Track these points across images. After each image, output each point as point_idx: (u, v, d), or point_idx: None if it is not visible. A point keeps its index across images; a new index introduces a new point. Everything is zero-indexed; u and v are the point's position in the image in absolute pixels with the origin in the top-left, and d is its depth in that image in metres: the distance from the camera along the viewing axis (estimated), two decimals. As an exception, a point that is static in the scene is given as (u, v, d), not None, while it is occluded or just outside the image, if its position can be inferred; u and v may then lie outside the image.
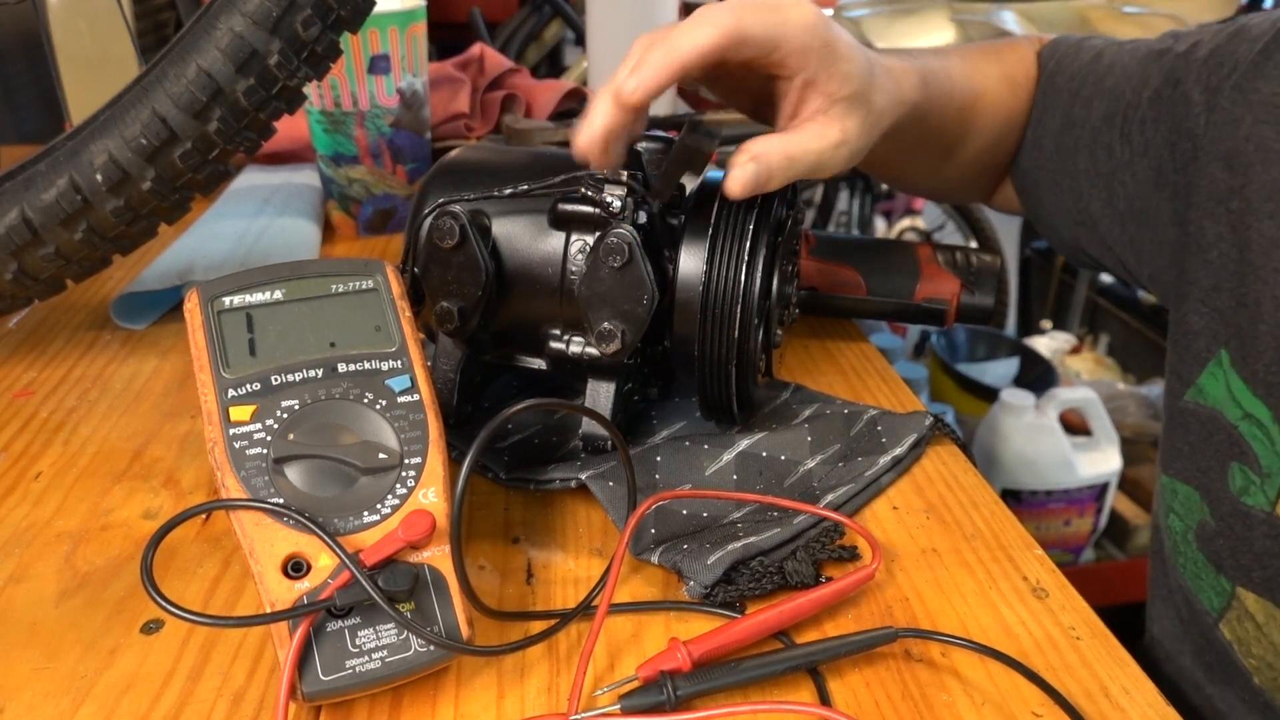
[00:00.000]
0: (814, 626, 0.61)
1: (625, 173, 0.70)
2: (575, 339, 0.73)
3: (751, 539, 0.65)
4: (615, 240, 0.67)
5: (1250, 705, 0.79)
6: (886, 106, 0.75)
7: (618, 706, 0.54)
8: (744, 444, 0.75)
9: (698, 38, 0.67)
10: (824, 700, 0.56)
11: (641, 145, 0.73)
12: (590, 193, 0.70)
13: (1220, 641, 0.80)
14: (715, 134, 0.67)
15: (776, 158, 0.68)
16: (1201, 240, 0.79)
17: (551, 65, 1.95)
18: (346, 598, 0.52)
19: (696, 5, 1.54)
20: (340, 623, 0.53)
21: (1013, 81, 0.96)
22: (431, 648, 0.54)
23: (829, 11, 1.70)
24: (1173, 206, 0.83)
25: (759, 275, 0.70)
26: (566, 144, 1.21)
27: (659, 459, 0.73)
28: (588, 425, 0.75)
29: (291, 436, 0.56)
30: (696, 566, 0.63)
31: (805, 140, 0.70)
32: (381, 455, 0.57)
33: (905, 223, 3.90)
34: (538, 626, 0.60)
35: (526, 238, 0.73)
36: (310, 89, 1.12)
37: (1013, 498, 2.19)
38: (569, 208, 0.71)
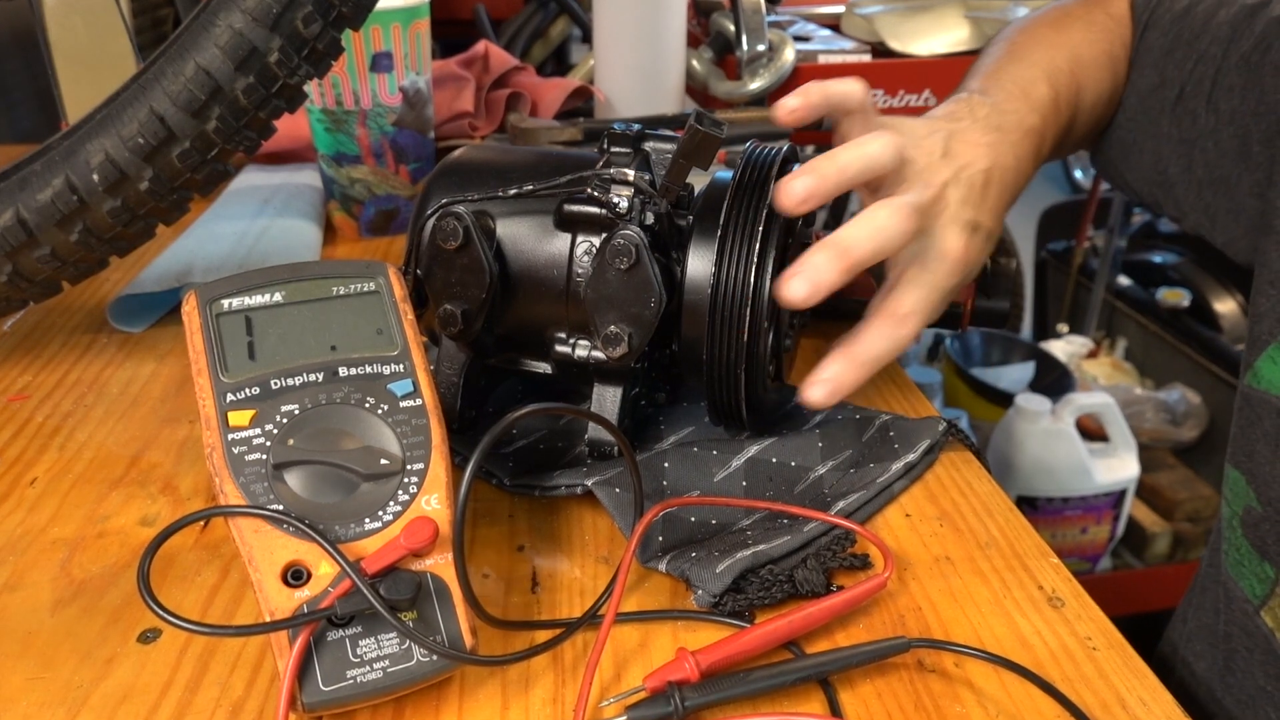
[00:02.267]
0: (825, 636, 0.61)
1: (632, 172, 0.70)
2: (581, 342, 0.73)
3: (761, 547, 0.65)
4: (622, 241, 0.67)
5: None
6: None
7: (624, 718, 0.54)
8: (753, 450, 0.75)
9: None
10: (835, 712, 0.56)
11: (649, 145, 0.74)
12: (596, 193, 0.70)
13: (1261, 630, 0.80)
14: (723, 124, 0.67)
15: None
16: (1277, 222, 0.79)
17: (557, 63, 1.95)
18: (347, 606, 0.52)
19: (705, 7, 1.55)
20: (341, 632, 0.53)
21: (1113, 59, 0.96)
22: (434, 657, 0.54)
23: (840, 9, 1.70)
24: (1255, 178, 0.83)
25: (769, 277, 0.69)
26: (572, 143, 1.22)
27: (667, 465, 0.73)
28: (594, 431, 0.75)
29: (291, 442, 0.56)
30: (705, 575, 0.63)
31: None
32: (383, 461, 0.57)
33: (918, 224, 3.89)
34: (543, 636, 0.60)
35: (531, 239, 0.73)
36: (311, 87, 1.12)
37: (1028, 505, 2.19)
38: (575, 208, 0.71)
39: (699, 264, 0.70)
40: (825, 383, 0.71)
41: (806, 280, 0.67)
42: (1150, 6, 0.96)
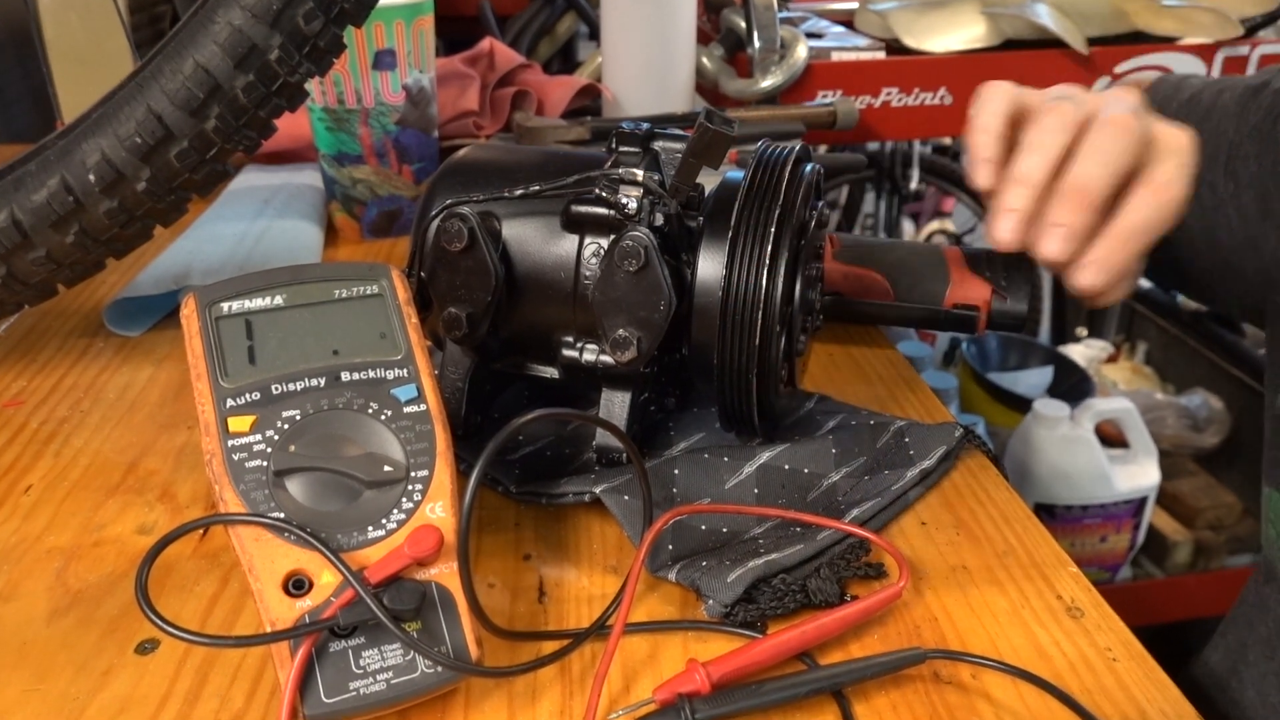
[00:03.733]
0: (839, 647, 0.61)
1: (641, 172, 0.70)
2: (589, 347, 0.73)
3: (773, 556, 0.65)
4: (631, 243, 0.67)
5: None
6: None
7: None
8: (765, 456, 0.75)
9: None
10: (849, 725, 0.56)
11: (658, 144, 0.74)
12: (605, 194, 0.70)
13: None
14: (734, 122, 0.67)
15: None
16: None
17: (564, 61, 1.95)
18: (350, 617, 0.52)
19: (716, 3, 1.55)
20: (344, 643, 0.53)
21: None
22: (439, 669, 0.54)
23: (853, 5, 1.70)
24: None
25: (781, 280, 0.69)
26: (579, 143, 1.22)
27: (677, 472, 0.73)
28: (602, 437, 0.75)
29: (293, 448, 0.56)
30: (716, 584, 0.62)
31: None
32: (387, 468, 0.57)
33: (934, 225, 3.89)
34: (550, 647, 0.59)
35: (538, 241, 0.73)
36: (312, 85, 1.12)
37: (1046, 513, 2.18)
38: (582, 209, 0.71)
39: (710, 266, 0.70)
40: (1093, 264, 0.69)
41: (1096, 267, 0.68)
42: (1156, 102, 0.99)
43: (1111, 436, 2.23)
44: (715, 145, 0.68)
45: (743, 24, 1.49)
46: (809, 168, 0.74)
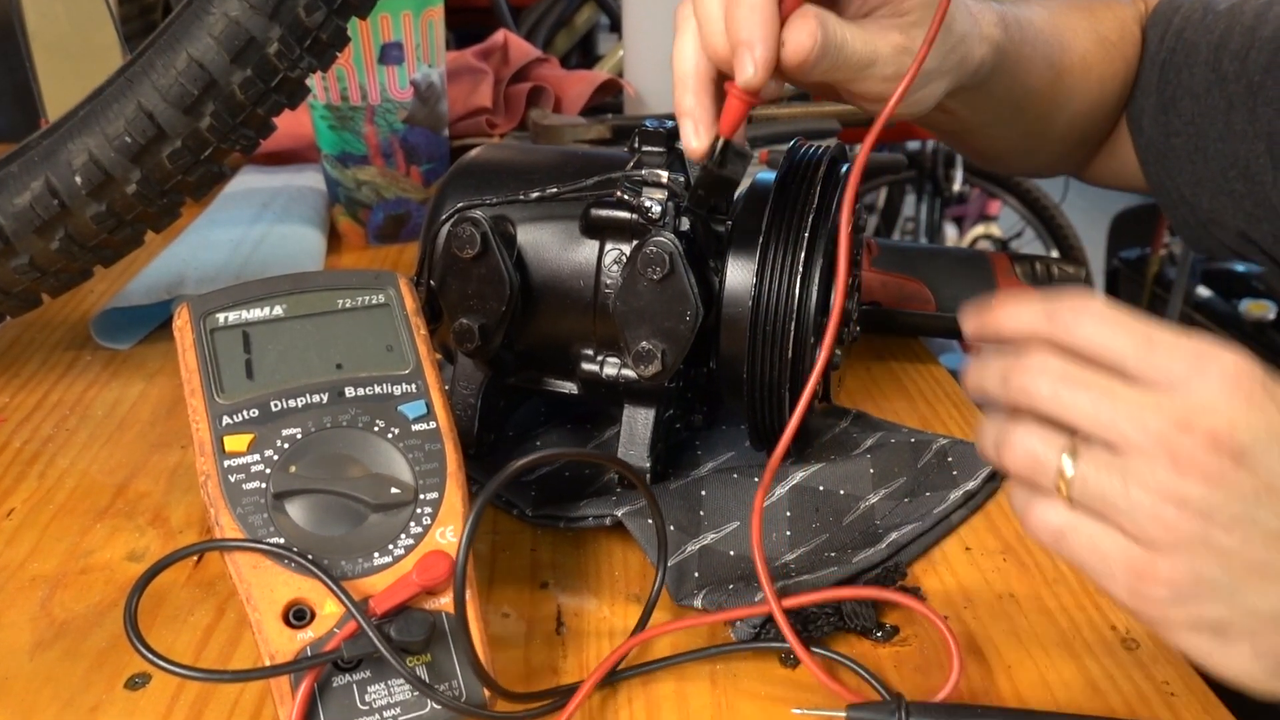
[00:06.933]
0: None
1: (665, 173, 0.70)
2: (610, 360, 0.73)
3: (805, 578, 0.65)
4: (655, 250, 0.67)
5: None
6: (968, 31, 0.76)
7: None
8: (799, 477, 0.75)
9: None
10: None
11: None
12: (627, 196, 0.70)
13: None
14: (748, 155, 0.67)
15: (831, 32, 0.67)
16: None
17: (583, 54, 1.95)
18: (354, 649, 0.52)
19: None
20: (348, 677, 0.53)
21: (1105, 41, 0.95)
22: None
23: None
24: None
25: (815, 289, 0.69)
26: (599, 142, 1.22)
27: (704, 493, 0.73)
28: (624, 454, 0.74)
29: (293, 469, 0.56)
30: (744, 607, 0.62)
31: (859, 34, 0.69)
32: (394, 490, 0.57)
33: (979, 230, 3.89)
34: (570, 678, 0.59)
35: (555, 247, 0.73)
36: (314, 81, 1.12)
37: (1100, 538, 2.17)
38: (603, 213, 0.71)
39: (739, 274, 0.70)
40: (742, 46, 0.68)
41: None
42: (1179, 11, 0.97)
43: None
44: (724, 186, 0.69)
45: (773, 14, 1.48)
46: (845, 168, 0.74)
